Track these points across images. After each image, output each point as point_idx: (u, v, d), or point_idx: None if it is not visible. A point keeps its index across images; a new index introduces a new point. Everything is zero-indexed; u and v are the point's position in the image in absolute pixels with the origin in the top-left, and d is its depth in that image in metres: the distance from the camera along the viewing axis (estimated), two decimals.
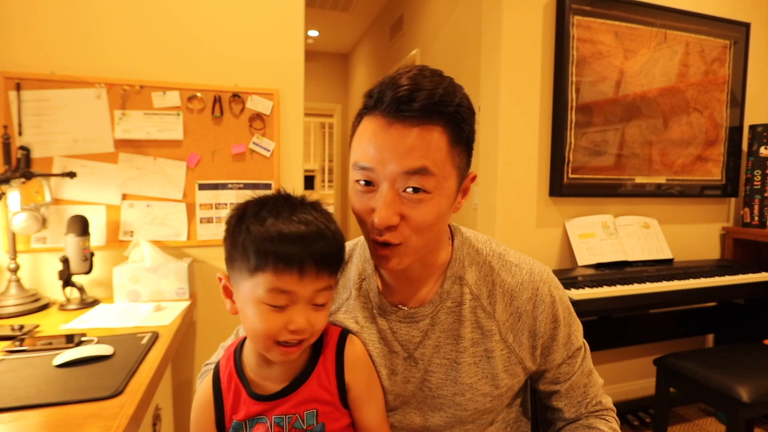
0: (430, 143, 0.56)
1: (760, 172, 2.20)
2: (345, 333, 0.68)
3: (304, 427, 0.61)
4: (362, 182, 0.59)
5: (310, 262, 0.55)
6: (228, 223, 0.59)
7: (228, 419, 0.63)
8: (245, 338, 0.66)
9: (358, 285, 0.72)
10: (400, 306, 0.69)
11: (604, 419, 0.73)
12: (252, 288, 0.56)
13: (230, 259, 0.59)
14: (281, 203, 0.58)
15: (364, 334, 0.70)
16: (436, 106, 0.55)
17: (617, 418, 0.75)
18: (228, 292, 0.61)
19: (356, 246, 0.77)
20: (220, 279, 0.62)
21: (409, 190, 0.56)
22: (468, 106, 0.59)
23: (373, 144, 0.57)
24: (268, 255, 0.54)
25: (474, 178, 0.65)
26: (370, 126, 0.58)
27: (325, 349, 0.65)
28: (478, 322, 0.67)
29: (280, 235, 0.54)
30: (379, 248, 0.60)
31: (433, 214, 0.58)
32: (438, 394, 0.68)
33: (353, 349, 0.66)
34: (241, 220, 0.57)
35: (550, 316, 0.68)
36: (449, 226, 0.73)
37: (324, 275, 0.57)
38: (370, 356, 0.69)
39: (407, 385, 0.69)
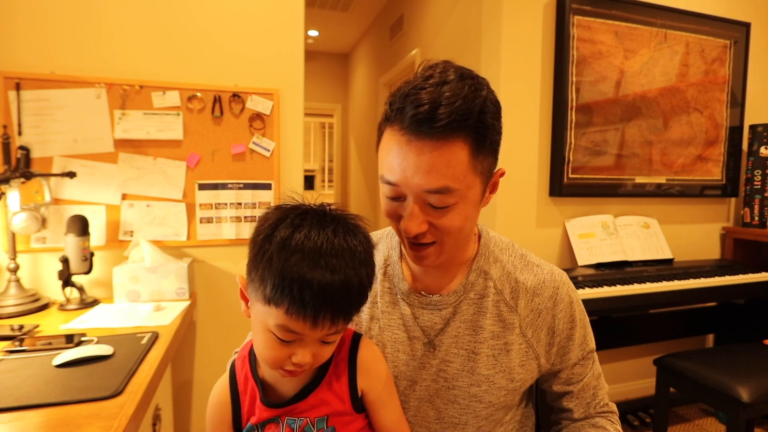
0: (450, 161, 0.55)
1: (760, 172, 2.20)
2: (358, 337, 0.67)
3: (315, 431, 0.60)
4: (390, 192, 0.61)
5: (326, 315, 0.52)
6: (257, 232, 0.55)
7: (245, 420, 0.63)
8: None
9: (383, 270, 0.74)
10: (423, 293, 0.71)
11: (610, 420, 0.75)
12: (264, 315, 0.54)
13: (250, 272, 0.56)
14: (315, 232, 0.53)
15: (385, 318, 0.72)
16: (457, 122, 0.54)
17: (619, 422, 0.77)
18: (244, 297, 0.59)
19: (384, 234, 0.79)
20: (240, 280, 0.59)
21: (433, 204, 0.58)
22: (492, 107, 0.58)
23: (396, 160, 0.57)
24: (285, 296, 0.51)
25: (502, 173, 0.65)
26: (392, 139, 0.58)
27: (337, 356, 0.63)
28: (501, 315, 0.69)
29: (300, 281, 0.50)
30: (415, 249, 0.63)
31: (459, 220, 0.60)
32: (453, 384, 0.69)
33: (366, 354, 0.65)
34: (268, 240, 0.53)
35: (568, 315, 0.71)
36: (476, 225, 0.75)
37: (339, 323, 0.55)
38: (393, 341, 0.70)
39: (422, 371, 0.70)
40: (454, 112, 0.53)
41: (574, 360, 0.73)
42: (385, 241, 0.78)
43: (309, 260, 0.51)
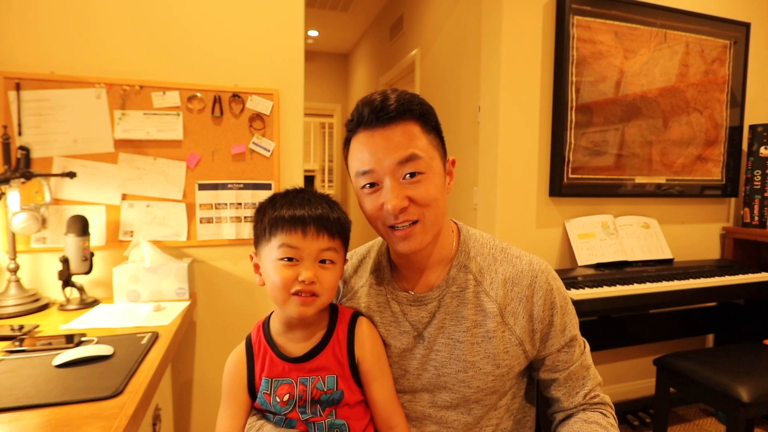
0: (410, 134, 0.68)
1: (760, 172, 2.20)
2: (356, 314, 0.78)
3: (325, 390, 0.70)
4: (368, 186, 0.70)
5: (310, 223, 0.67)
6: (255, 213, 0.73)
7: (258, 378, 0.73)
8: (272, 313, 0.78)
9: (375, 274, 0.82)
10: (410, 291, 0.78)
11: (602, 413, 0.75)
12: (269, 251, 0.69)
13: (256, 238, 0.72)
14: (294, 194, 0.72)
15: (377, 316, 0.79)
16: (405, 106, 0.68)
17: (615, 415, 0.77)
18: (257, 268, 0.73)
19: (373, 244, 0.88)
20: (251, 257, 0.74)
21: (408, 176, 0.68)
22: (428, 105, 0.73)
23: (367, 151, 0.69)
24: (278, 222, 0.68)
25: (454, 162, 0.76)
26: (359, 141, 0.70)
27: (338, 325, 0.75)
28: (481, 305, 0.74)
29: (289, 213, 0.68)
30: (399, 232, 0.69)
31: (432, 189, 0.69)
32: (443, 372, 0.74)
33: (362, 327, 0.76)
34: (262, 208, 0.72)
35: (548, 302, 0.74)
36: (455, 223, 0.81)
37: (324, 235, 0.68)
38: (384, 337, 0.78)
39: (413, 361, 0.76)
40: (400, 100, 0.68)
41: (557, 346, 0.75)
42: (375, 249, 0.86)
43: (294, 203, 0.69)
